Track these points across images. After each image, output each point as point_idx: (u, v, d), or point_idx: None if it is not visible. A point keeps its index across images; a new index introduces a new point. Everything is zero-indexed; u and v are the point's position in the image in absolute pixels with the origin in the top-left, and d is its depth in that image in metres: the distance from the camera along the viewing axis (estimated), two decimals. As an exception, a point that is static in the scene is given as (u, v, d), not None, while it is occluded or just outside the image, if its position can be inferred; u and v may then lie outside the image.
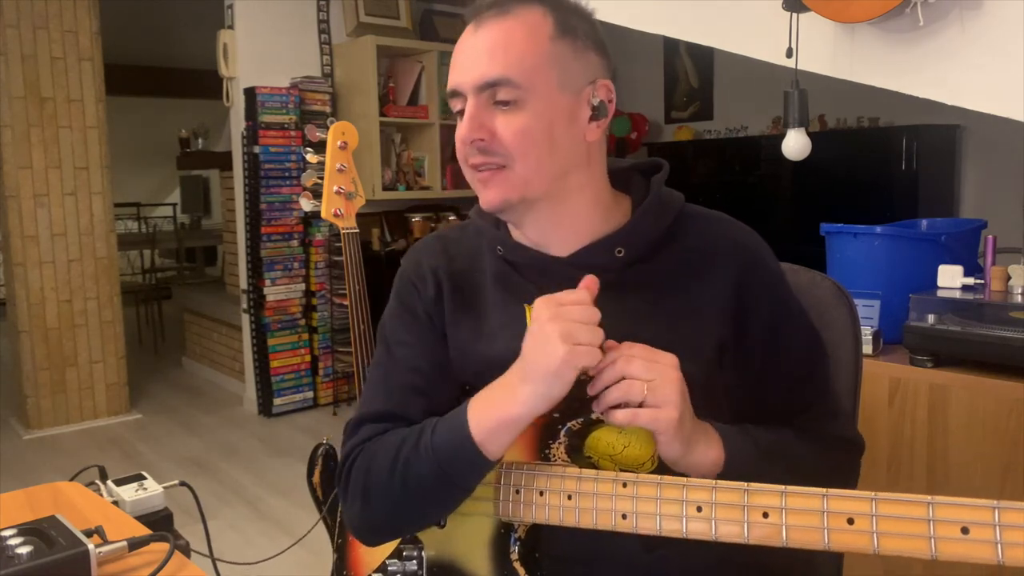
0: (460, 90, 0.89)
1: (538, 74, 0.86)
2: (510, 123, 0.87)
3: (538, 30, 0.87)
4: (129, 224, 7.50)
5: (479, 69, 0.87)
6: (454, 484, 0.85)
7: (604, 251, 0.92)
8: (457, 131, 0.91)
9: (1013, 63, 1.55)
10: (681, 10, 2.14)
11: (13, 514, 1.00)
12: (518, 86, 0.86)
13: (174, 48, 6.90)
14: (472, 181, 0.93)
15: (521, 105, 0.86)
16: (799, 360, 0.96)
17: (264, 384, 4.18)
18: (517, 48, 0.86)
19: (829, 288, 1.10)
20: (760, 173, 4.39)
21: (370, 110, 4.13)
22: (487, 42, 0.87)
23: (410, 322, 0.99)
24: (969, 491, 1.54)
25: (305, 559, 2.62)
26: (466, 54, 0.89)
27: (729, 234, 0.95)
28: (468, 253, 1.00)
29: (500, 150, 0.87)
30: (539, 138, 0.87)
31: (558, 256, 0.93)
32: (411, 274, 1.01)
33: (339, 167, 1.66)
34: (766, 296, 0.93)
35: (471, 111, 0.88)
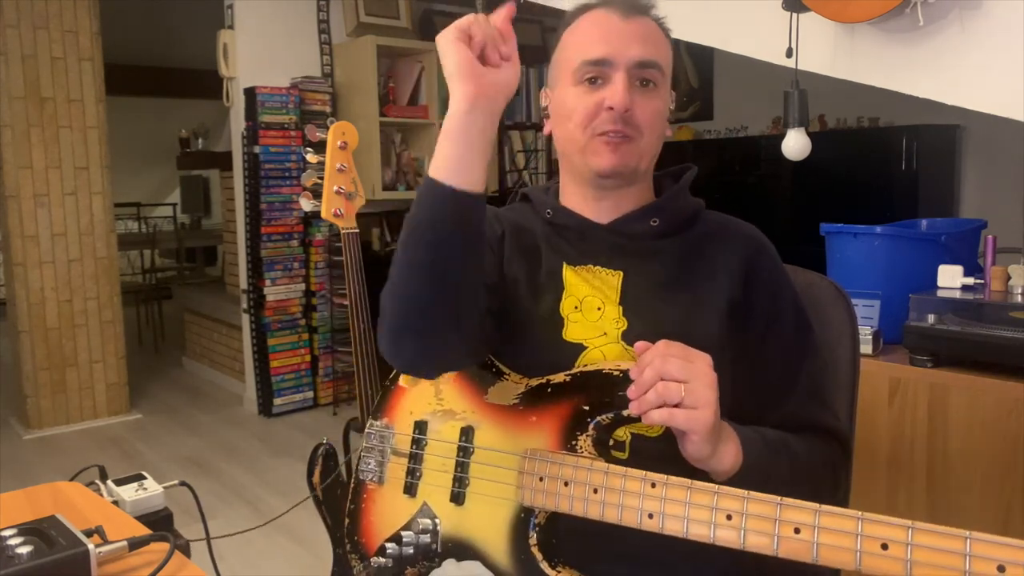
0: (614, 61, 0.96)
1: (667, 67, 1.01)
2: (649, 102, 0.98)
3: (664, 37, 1.02)
4: (129, 224, 7.50)
5: (637, 49, 0.97)
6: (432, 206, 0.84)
7: (640, 219, 1.03)
8: (585, 99, 0.98)
9: (1013, 63, 1.55)
10: (681, 10, 2.14)
11: (13, 514, 1.00)
12: (662, 71, 0.99)
13: (174, 48, 6.89)
14: (595, 146, 0.99)
15: (657, 89, 0.99)
16: (793, 338, 1.02)
17: (264, 384, 4.18)
18: (662, 41, 1.01)
19: (827, 288, 1.12)
20: (760, 173, 4.39)
21: (370, 110, 4.13)
22: (641, 31, 0.98)
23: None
24: (968, 491, 1.54)
25: (305, 559, 2.62)
26: (618, 34, 0.98)
27: (742, 225, 1.08)
28: (519, 216, 1.10)
29: (637, 122, 0.97)
30: (661, 120, 1.01)
31: (599, 222, 1.04)
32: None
33: (339, 167, 1.66)
34: (769, 278, 1.02)
35: (625, 83, 0.96)
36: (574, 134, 1.00)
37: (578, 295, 1.01)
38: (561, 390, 0.93)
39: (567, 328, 1.00)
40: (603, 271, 1.02)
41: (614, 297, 1.00)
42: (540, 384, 0.95)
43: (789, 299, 1.03)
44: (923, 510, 1.60)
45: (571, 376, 0.93)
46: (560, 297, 1.01)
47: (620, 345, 0.97)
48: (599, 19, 1.00)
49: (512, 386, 0.97)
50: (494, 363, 1.00)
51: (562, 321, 1.00)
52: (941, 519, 1.58)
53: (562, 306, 1.01)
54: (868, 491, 1.68)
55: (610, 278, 1.01)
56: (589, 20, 1.01)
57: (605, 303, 1.00)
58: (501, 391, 0.98)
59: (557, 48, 1.05)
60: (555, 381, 0.94)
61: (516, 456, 0.92)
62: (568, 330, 0.99)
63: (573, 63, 0.99)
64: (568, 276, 1.03)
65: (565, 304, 1.01)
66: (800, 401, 1.00)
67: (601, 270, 1.02)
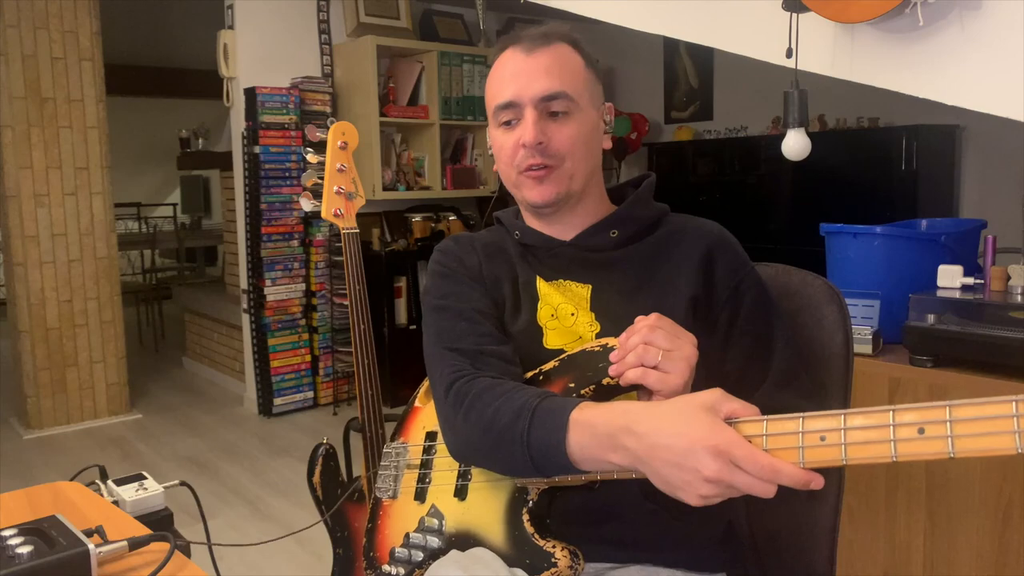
0: (519, 102, 1.04)
1: (581, 91, 1.06)
2: (563, 129, 1.05)
3: (576, 60, 1.07)
4: (129, 224, 7.49)
5: (540, 84, 1.03)
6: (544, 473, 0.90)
7: (600, 233, 1.10)
8: (506, 141, 1.06)
9: (1013, 63, 1.55)
10: (681, 10, 2.14)
11: (13, 514, 1.00)
12: (571, 99, 1.05)
13: (174, 48, 6.89)
14: (521, 181, 1.08)
15: (571, 115, 1.05)
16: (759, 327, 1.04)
17: (264, 384, 4.18)
18: (569, 69, 1.06)
19: (820, 287, 1.12)
20: (760, 173, 4.39)
21: (370, 110, 4.13)
22: (543, 64, 1.04)
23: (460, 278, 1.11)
24: (968, 491, 1.54)
25: (305, 559, 2.62)
26: (523, 73, 1.05)
27: (703, 223, 1.12)
28: (495, 237, 1.18)
29: (554, 152, 1.04)
30: (583, 142, 1.06)
31: (562, 240, 1.11)
32: (452, 248, 1.16)
33: (339, 167, 1.66)
34: (728, 266, 1.06)
35: (533, 118, 1.03)
36: (506, 172, 1.09)
37: (552, 303, 1.07)
38: (552, 374, 0.99)
39: (546, 336, 1.06)
40: (573, 284, 1.09)
41: (585, 306, 1.06)
42: (534, 375, 1.01)
43: (752, 289, 1.06)
44: (923, 510, 1.60)
45: (559, 361, 0.99)
46: (536, 308, 1.08)
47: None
48: (506, 60, 1.08)
49: None
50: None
51: (541, 330, 1.06)
52: (941, 519, 1.58)
53: (539, 316, 1.07)
54: (868, 491, 1.68)
55: (580, 290, 1.08)
56: (500, 62, 1.09)
57: (578, 310, 1.06)
58: None
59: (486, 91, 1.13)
60: (547, 369, 1.00)
61: None
62: (548, 338, 1.05)
63: (491, 108, 1.08)
64: (542, 287, 1.09)
65: (542, 313, 1.07)
66: (771, 388, 1.01)
67: (572, 284, 1.09)
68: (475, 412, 0.94)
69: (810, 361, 1.11)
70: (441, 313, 1.09)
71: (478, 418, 0.93)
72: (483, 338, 1.03)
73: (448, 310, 1.08)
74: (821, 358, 1.11)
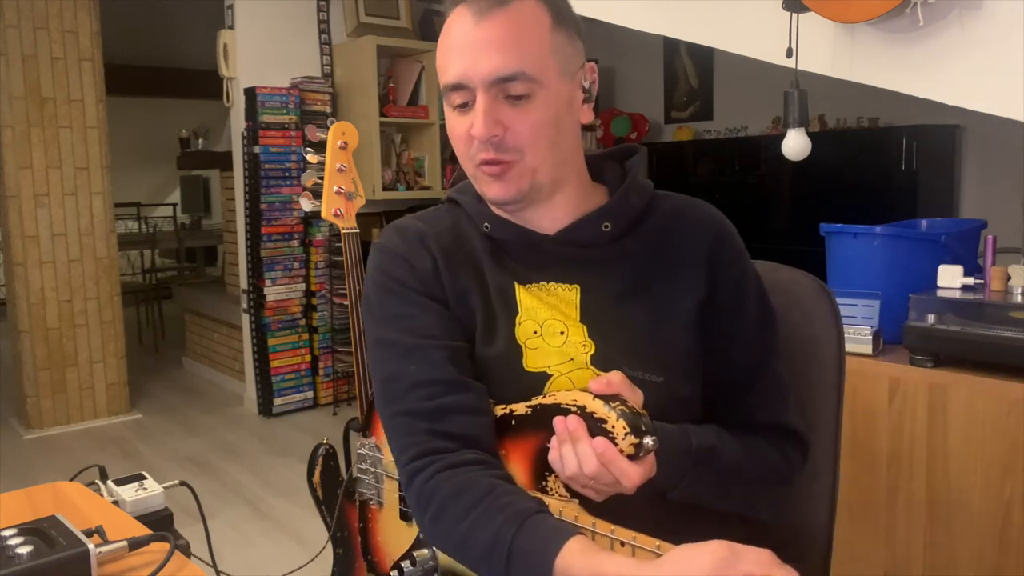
0: (468, 84, 0.86)
1: (545, 65, 0.86)
2: (524, 117, 0.86)
3: (540, 21, 0.87)
4: (129, 224, 7.49)
5: (491, 63, 0.84)
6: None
7: (591, 226, 0.93)
8: (458, 127, 0.89)
9: (1013, 63, 1.55)
10: (681, 10, 2.14)
11: (13, 514, 1.00)
12: (532, 79, 0.85)
13: (174, 48, 6.89)
14: (477, 176, 0.91)
15: (533, 99, 0.86)
16: (757, 332, 0.96)
17: (264, 384, 4.18)
18: (527, 41, 0.85)
19: (809, 285, 1.11)
20: (760, 173, 4.39)
21: (370, 110, 4.13)
22: (495, 35, 0.84)
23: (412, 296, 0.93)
24: (968, 491, 1.54)
25: (305, 559, 2.62)
26: (471, 47, 0.85)
27: (699, 210, 0.98)
28: (452, 231, 0.97)
29: (514, 144, 0.87)
30: (549, 128, 0.87)
31: (545, 233, 0.94)
32: (397, 247, 0.96)
33: (339, 167, 1.66)
34: (732, 264, 0.96)
35: (485, 107, 0.85)
36: (463, 162, 0.92)
37: (537, 319, 0.91)
38: (523, 424, 0.87)
39: (527, 357, 0.90)
40: (558, 287, 0.93)
41: (574, 315, 0.91)
42: (504, 415, 0.88)
43: (753, 289, 0.97)
44: (923, 510, 1.60)
45: (531, 409, 0.86)
46: (514, 322, 0.91)
47: (591, 371, 0.89)
48: (454, 27, 0.88)
49: None
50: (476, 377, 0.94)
51: (520, 350, 0.90)
52: (941, 519, 1.58)
53: (518, 332, 0.91)
54: (868, 491, 1.68)
55: (567, 294, 0.92)
56: (448, 28, 0.89)
57: (568, 325, 0.91)
58: None
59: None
60: (517, 412, 0.87)
61: None
62: (528, 359, 0.90)
63: (441, 85, 0.90)
64: (522, 297, 0.92)
65: (522, 329, 0.91)
66: (763, 398, 0.97)
67: (556, 286, 0.93)
68: (442, 526, 0.83)
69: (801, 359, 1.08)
70: (386, 350, 0.91)
71: (446, 534, 0.83)
72: (441, 386, 0.87)
73: (395, 346, 0.90)
74: (813, 355, 1.09)
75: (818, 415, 1.08)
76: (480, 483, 0.82)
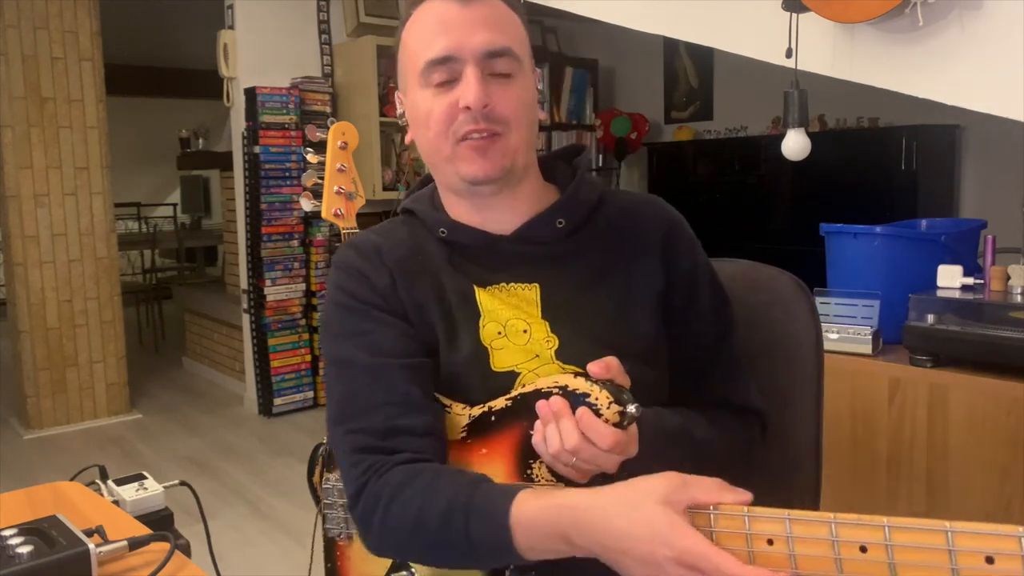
0: (459, 55, 0.87)
1: (524, 51, 0.92)
2: (509, 93, 0.89)
3: (514, 13, 0.93)
4: (129, 224, 7.49)
5: (482, 36, 0.88)
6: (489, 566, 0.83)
7: (546, 224, 0.95)
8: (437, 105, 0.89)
9: (1013, 63, 1.55)
10: (681, 10, 2.14)
11: (13, 514, 1.00)
12: (517, 59, 0.90)
13: (174, 48, 6.89)
14: (459, 153, 0.90)
15: (515, 78, 0.90)
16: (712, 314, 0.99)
17: (264, 384, 4.18)
18: (511, 22, 0.91)
19: (788, 283, 1.12)
20: (760, 173, 4.39)
21: (370, 110, 4.13)
22: (482, 14, 0.89)
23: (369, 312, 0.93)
24: (968, 491, 1.54)
25: (305, 559, 2.62)
26: (460, 24, 0.88)
27: (650, 203, 1.02)
28: (408, 242, 0.98)
29: (499, 117, 0.88)
30: (529, 109, 0.92)
31: (501, 234, 0.96)
32: (355, 264, 0.96)
33: (339, 167, 1.66)
34: (686, 252, 0.99)
35: (477, 77, 0.87)
36: (436, 144, 0.91)
37: (499, 319, 0.92)
38: (504, 417, 0.87)
39: (494, 357, 0.91)
40: (518, 287, 0.93)
41: (536, 312, 0.92)
42: (483, 413, 0.89)
43: (706, 275, 1.00)
44: (923, 510, 1.60)
45: (511, 400, 0.87)
46: (478, 326, 0.92)
47: (556, 365, 0.90)
48: (435, 10, 0.90)
49: (456, 418, 0.91)
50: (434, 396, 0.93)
51: (487, 351, 0.91)
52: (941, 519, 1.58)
53: (482, 335, 0.91)
54: (868, 491, 1.68)
55: (527, 293, 0.93)
56: (426, 12, 0.91)
57: (530, 323, 0.92)
58: (447, 425, 0.91)
59: (399, 48, 0.95)
60: (496, 408, 0.88)
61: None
62: (495, 359, 0.91)
63: (418, 64, 0.90)
64: (483, 300, 0.93)
65: (486, 332, 0.92)
66: (721, 378, 1.00)
67: (516, 287, 0.93)
68: (394, 516, 0.83)
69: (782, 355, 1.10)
70: (344, 368, 0.91)
71: (399, 521, 0.83)
72: (396, 408, 0.87)
73: (353, 364, 0.91)
74: (793, 353, 1.10)
75: (799, 407, 1.10)
76: (427, 469, 0.85)
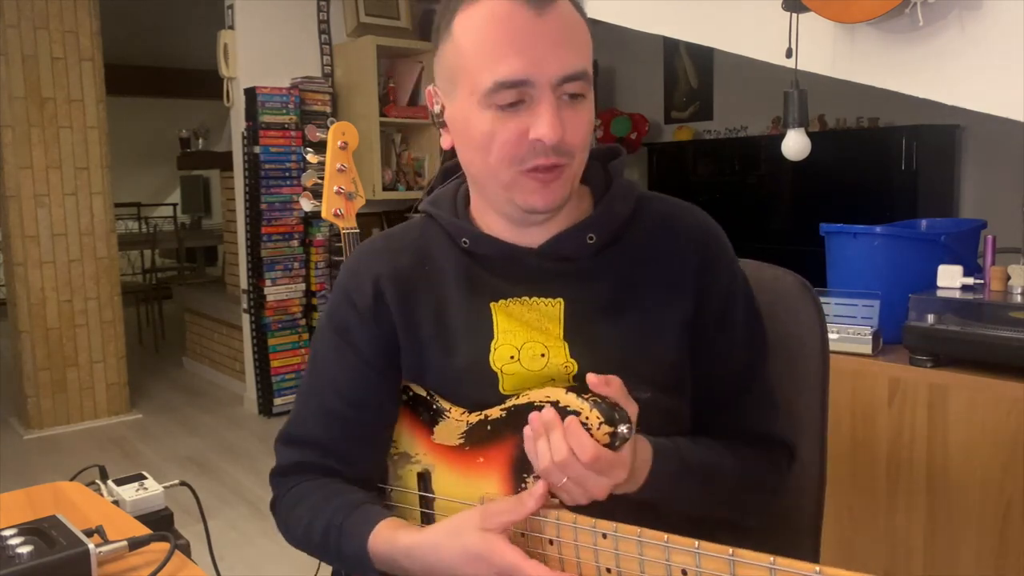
0: (536, 81, 0.78)
1: (591, 64, 0.84)
2: (581, 117, 0.82)
3: (581, 19, 0.83)
4: (129, 224, 7.50)
5: (561, 60, 0.78)
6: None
7: (575, 239, 0.88)
8: (504, 130, 0.80)
9: (1013, 63, 1.55)
10: (681, 10, 2.14)
11: (13, 514, 1.00)
12: (590, 80, 0.82)
13: (174, 48, 6.89)
14: (521, 183, 0.83)
15: (587, 98, 0.82)
16: (745, 340, 0.94)
17: (264, 384, 4.18)
18: (584, 39, 0.82)
19: (792, 283, 1.11)
20: (760, 173, 4.39)
21: (370, 110, 4.13)
22: (559, 27, 0.79)
23: (337, 342, 0.95)
24: (968, 491, 1.54)
25: (305, 559, 2.62)
26: (533, 39, 0.78)
27: (688, 216, 0.94)
28: (416, 249, 0.94)
29: (568, 148, 0.81)
30: (591, 131, 0.85)
31: (528, 247, 0.89)
32: (346, 283, 0.96)
33: (339, 167, 1.66)
34: (722, 271, 0.92)
35: (554, 109, 0.78)
36: (496, 169, 0.83)
37: (514, 342, 0.87)
38: (499, 427, 0.85)
39: (503, 382, 0.87)
40: (540, 301, 0.88)
41: (556, 331, 0.87)
42: (480, 421, 0.87)
43: (741, 297, 0.94)
44: (923, 510, 1.60)
45: (506, 411, 0.85)
46: (489, 348, 0.87)
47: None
48: (501, 11, 0.79)
49: (454, 424, 0.90)
50: (433, 399, 0.92)
51: (496, 376, 0.87)
52: (941, 519, 1.58)
53: (492, 359, 0.87)
54: (868, 491, 1.68)
55: (549, 308, 0.88)
56: (488, 9, 0.79)
57: (548, 347, 0.86)
58: (445, 430, 0.90)
59: (445, 39, 0.84)
60: (492, 417, 0.86)
61: (474, 506, 0.85)
62: (505, 383, 0.87)
63: (481, 80, 0.79)
64: (500, 319, 0.88)
65: (497, 355, 0.87)
66: (750, 407, 0.95)
67: (538, 301, 0.88)
68: (291, 528, 0.97)
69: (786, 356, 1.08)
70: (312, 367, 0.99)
71: (294, 532, 0.97)
72: (321, 450, 0.97)
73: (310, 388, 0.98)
74: (797, 353, 1.10)
75: (805, 409, 1.09)
76: (322, 487, 0.95)
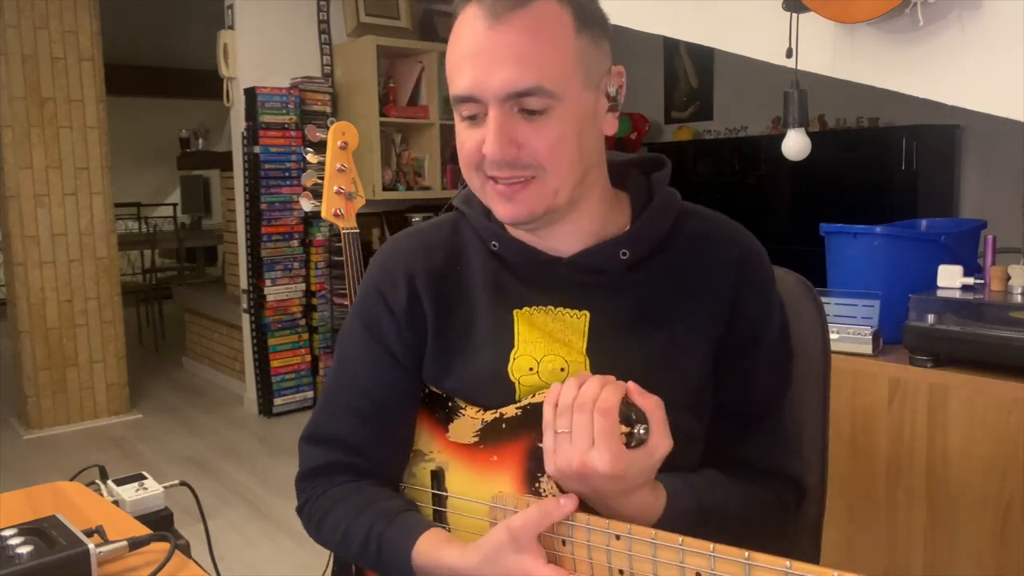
0: (480, 97, 0.77)
1: (567, 77, 0.78)
2: (541, 133, 0.78)
3: (563, 26, 0.78)
4: (129, 224, 7.50)
5: (505, 75, 0.76)
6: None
7: (608, 253, 0.86)
8: (467, 140, 0.81)
9: (1013, 63, 1.55)
10: (681, 10, 2.14)
11: (13, 514, 1.00)
12: (550, 94, 0.77)
13: (174, 48, 6.89)
14: (485, 192, 0.83)
15: (551, 112, 0.78)
16: (771, 370, 0.92)
17: (264, 384, 4.18)
18: (547, 50, 0.77)
19: (794, 283, 1.11)
20: (760, 173, 4.39)
21: (370, 110, 4.13)
22: (512, 43, 0.76)
23: (367, 340, 0.93)
24: (968, 491, 1.54)
25: (305, 559, 2.62)
26: (483, 55, 0.77)
27: (727, 233, 0.91)
28: (449, 247, 0.92)
29: (530, 162, 0.79)
30: (570, 145, 0.79)
31: (558, 256, 0.87)
32: (378, 280, 0.94)
33: (339, 167, 1.66)
34: (757, 299, 0.89)
35: (497, 125, 0.77)
36: (468, 176, 0.84)
37: (535, 353, 0.86)
38: (514, 426, 0.85)
39: (520, 391, 0.86)
40: (566, 312, 0.86)
41: (580, 344, 0.85)
42: (494, 419, 0.86)
43: (774, 328, 0.91)
44: (923, 510, 1.60)
45: (521, 410, 0.84)
46: (508, 357, 0.86)
47: None
48: (464, 27, 0.79)
49: (469, 422, 0.89)
50: (449, 397, 0.91)
51: (513, 386, 0.86)
52: (941, 519, 1.58)
53: (511, 368, 0.86)
54: (868, 491, 1.68)
55: (574, 320, 0.86)
56: (458, 27, 0.80)
57: (569, 360, 0.85)
58: (460, 428, 0.90)
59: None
60: (507, 415, 0.85)
61: (486, 505, 0.85)
62: (522, 394, 0.86)
63: (450, 94, 0.81)
64: (521, 328, 0.87)
65: (516, 365, 0.86)
66: (765, 441, 0.91)
67: (564, 311, 0.86)
68: (325, 533, 0.93)
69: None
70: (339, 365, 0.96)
71: (329, 537, 0.93)
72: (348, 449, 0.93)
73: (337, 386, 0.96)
74: (800, 352, 1.09)
75: (806, 409, 1.09)
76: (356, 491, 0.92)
